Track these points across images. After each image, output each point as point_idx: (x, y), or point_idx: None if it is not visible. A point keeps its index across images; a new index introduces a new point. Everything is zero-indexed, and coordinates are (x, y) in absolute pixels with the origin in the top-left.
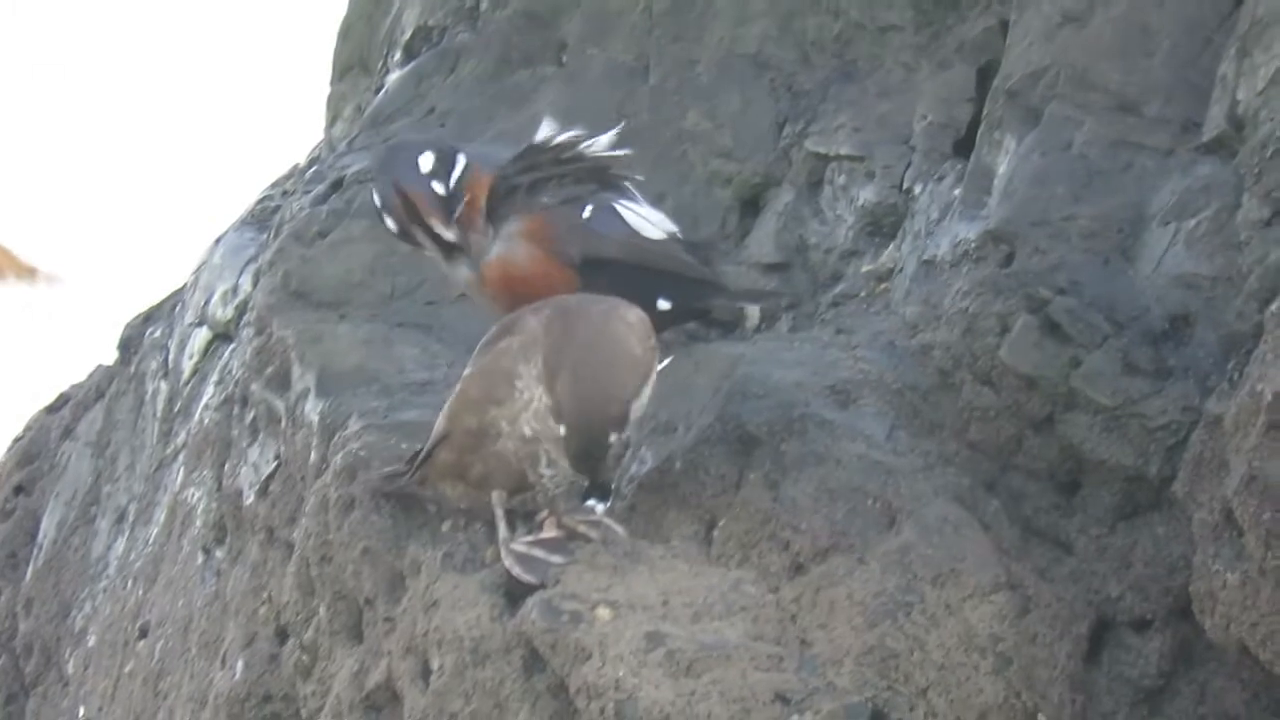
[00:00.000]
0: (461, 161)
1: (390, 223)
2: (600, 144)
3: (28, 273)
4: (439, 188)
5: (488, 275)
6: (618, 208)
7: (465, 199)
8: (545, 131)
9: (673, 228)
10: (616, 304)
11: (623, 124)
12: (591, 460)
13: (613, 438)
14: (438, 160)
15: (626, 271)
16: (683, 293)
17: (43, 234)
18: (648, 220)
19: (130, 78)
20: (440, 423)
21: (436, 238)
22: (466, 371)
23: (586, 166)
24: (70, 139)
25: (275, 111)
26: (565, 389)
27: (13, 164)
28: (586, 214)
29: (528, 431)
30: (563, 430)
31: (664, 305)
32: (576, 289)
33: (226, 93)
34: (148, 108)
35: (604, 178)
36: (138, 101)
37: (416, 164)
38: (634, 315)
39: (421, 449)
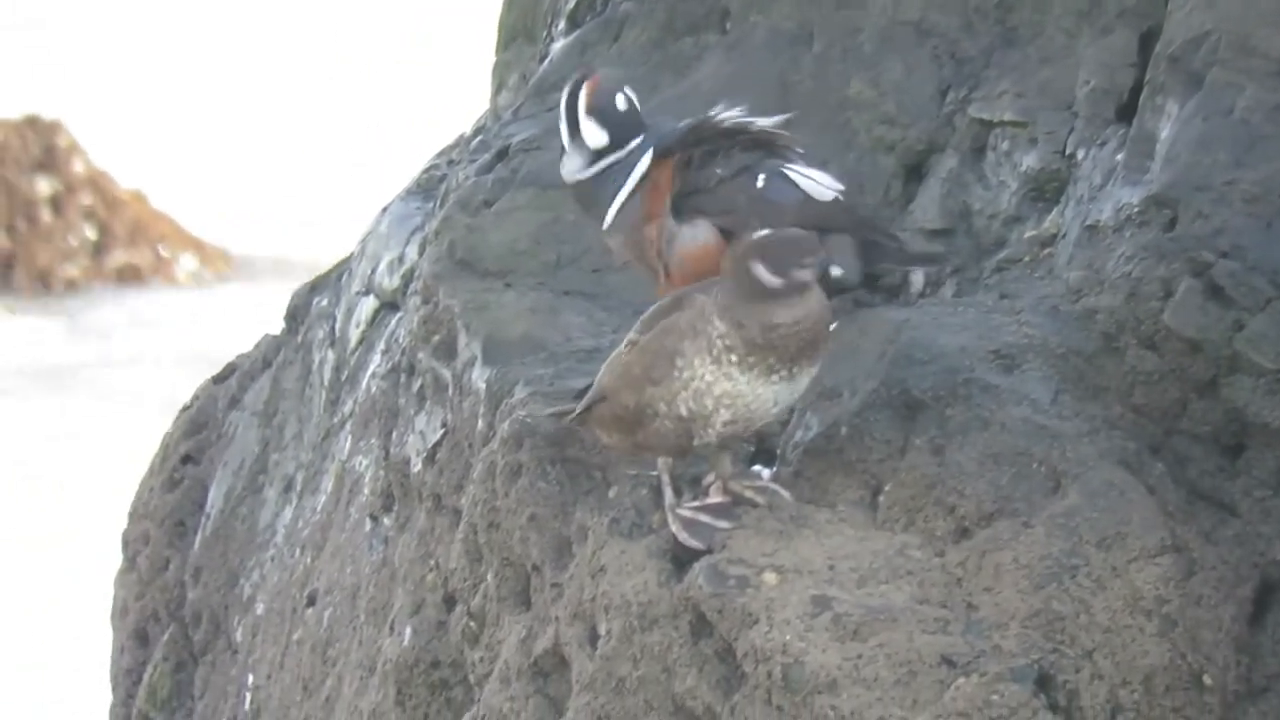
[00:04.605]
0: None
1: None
2: (764, 121)
3: (199, 249)
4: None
5: (674, 263)
6: (788, 172)
7: (649, 185)
8: (712, 110)
9: (840, 186)
10: None
11: (788, 116)
12: None
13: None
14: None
15: None
16: (856, 256)
17: (213, 207)
18: (817, 182)
19: (298, 48)
20: (601, 379)
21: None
22: (629, 337)
23: (752, 138)
24: (239, 110)
25: (442, 81)
26: None
27: (183, 137)
28: (760, 183)
29: (684, 412)
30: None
31: (836, 272)
32: None
33: (394, 63)
34: (317, 80)
35: (770, 147)
36: (307, 73)
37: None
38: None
39: (588, 387)
